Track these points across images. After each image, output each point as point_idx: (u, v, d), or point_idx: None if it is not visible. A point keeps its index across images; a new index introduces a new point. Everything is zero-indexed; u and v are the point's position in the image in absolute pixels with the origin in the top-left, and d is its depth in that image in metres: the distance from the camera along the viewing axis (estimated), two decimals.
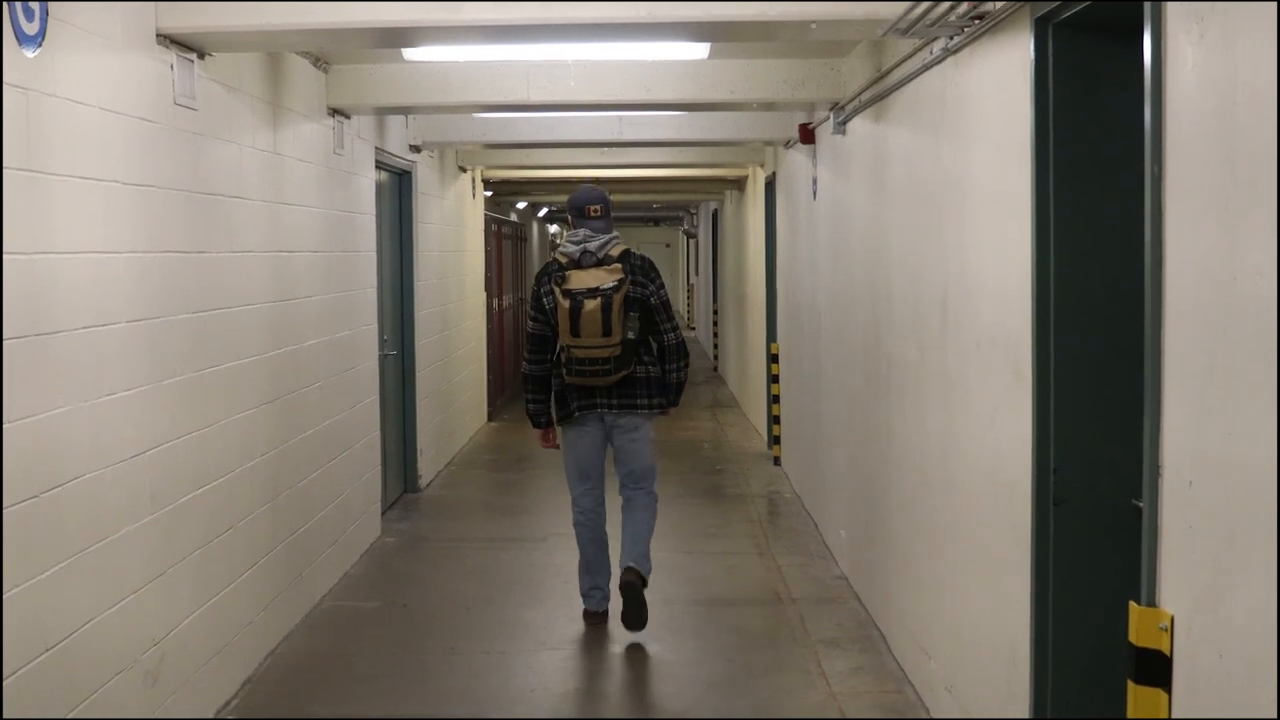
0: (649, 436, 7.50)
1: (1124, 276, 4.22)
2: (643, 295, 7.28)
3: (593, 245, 7.27)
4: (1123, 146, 4.16)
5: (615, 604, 7.48)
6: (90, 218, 4.90)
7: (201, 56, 5.98)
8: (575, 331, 7.14)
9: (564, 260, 7.30)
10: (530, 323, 7.48)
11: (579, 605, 7.78)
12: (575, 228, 7.39)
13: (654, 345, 7.41)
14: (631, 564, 7.35)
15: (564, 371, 7.30)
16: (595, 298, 7.12)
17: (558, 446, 7.76)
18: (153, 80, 5.50)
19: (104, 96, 5.01)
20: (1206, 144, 3.03)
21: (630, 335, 7.19)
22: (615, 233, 7.42)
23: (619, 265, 7.23)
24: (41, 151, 4.51)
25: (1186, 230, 3.13)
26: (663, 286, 7.42)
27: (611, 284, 7.15)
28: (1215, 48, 2.99)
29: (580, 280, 7.18)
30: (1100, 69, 4.36)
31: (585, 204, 7.35)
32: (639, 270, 7.31)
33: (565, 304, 7.12)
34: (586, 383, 7.26)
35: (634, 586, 7.23)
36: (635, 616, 7.22)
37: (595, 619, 7.55)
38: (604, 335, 7.13)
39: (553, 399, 7.53)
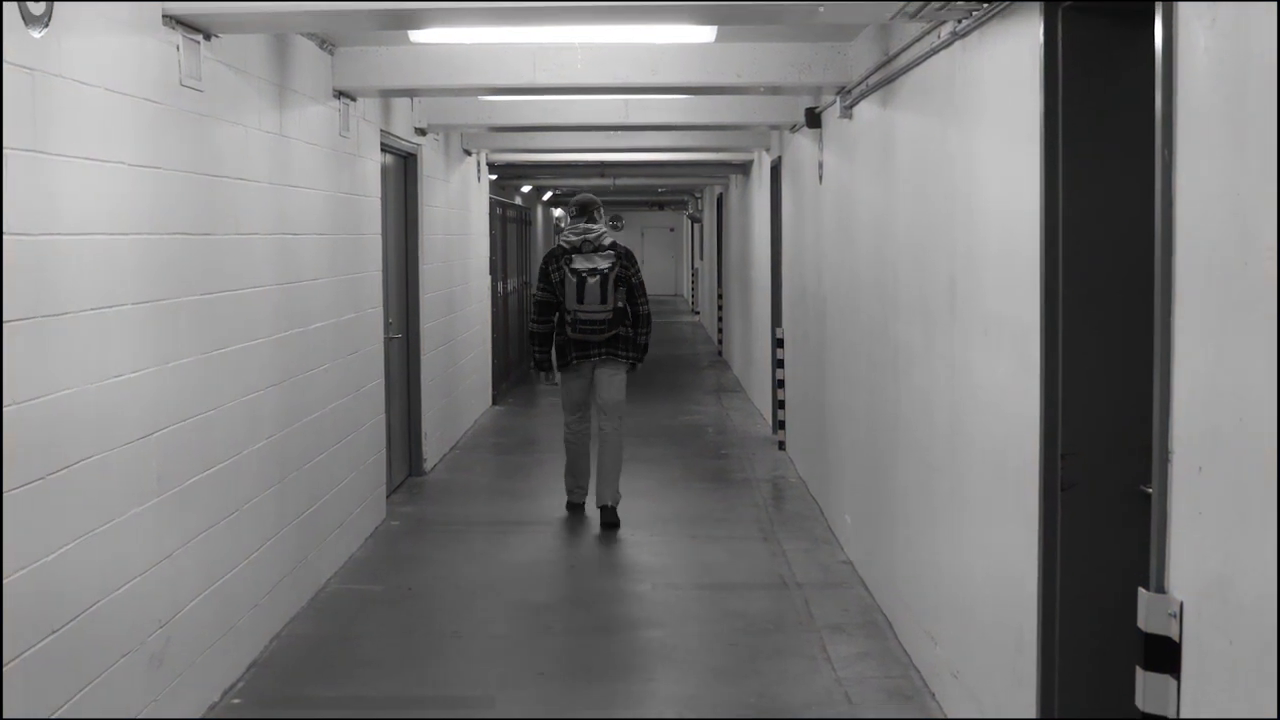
0: (623, 380, 9.83)
1: (1133, 260, 4.21)
2: (626, 276, 9.64)
3: (591, 236, 9.62)
4: (1133, 131, 4.15)
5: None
6: (96, 199, 4.89)
7: (208, 38, 5.96)
8: (580, 299, 9.50)
9: (568, 246, 9.60)
10: (539, 293, 9.80)
11: (585, 590, 7.97)
12: (575, 221, 9.72)
13: (631, 313, 9.69)
14: (607, 503, 9.70)
15: (568, 330, 9.60)
16: (596, 275, 9.51)
17: (556, 384, 10.18)
18: (159, 61, 5.48)
19: (110, 77, 5.00)
20: (1218, 129, 3.01)
21: (620, 304, 9.61)
22: (605, 228, 9.74)
23: (611, 251, 9.59)
24: (47, 132, 4.49)
25: (1197, 214, 3.11)
26: (639, 271, 9.80)
27: (606, 265, 9.54)
28: (1227, 32, 2.97)
29: (583, 262, 9.53)
30: (1110, 52, 4.34)
31: (587, 205, 9.81)
32: (624, 257, 9.68)
33: (573, 279, 9.50)
34: (585, 338, 9.59)
35: (609, 515, 9.67)
36: (611, 527, 9.59)
37: (575, 509, 9.97)
38: (601, 303, 9.51)
39: (554, 350, 9.81)
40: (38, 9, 4.39)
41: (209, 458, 6.01)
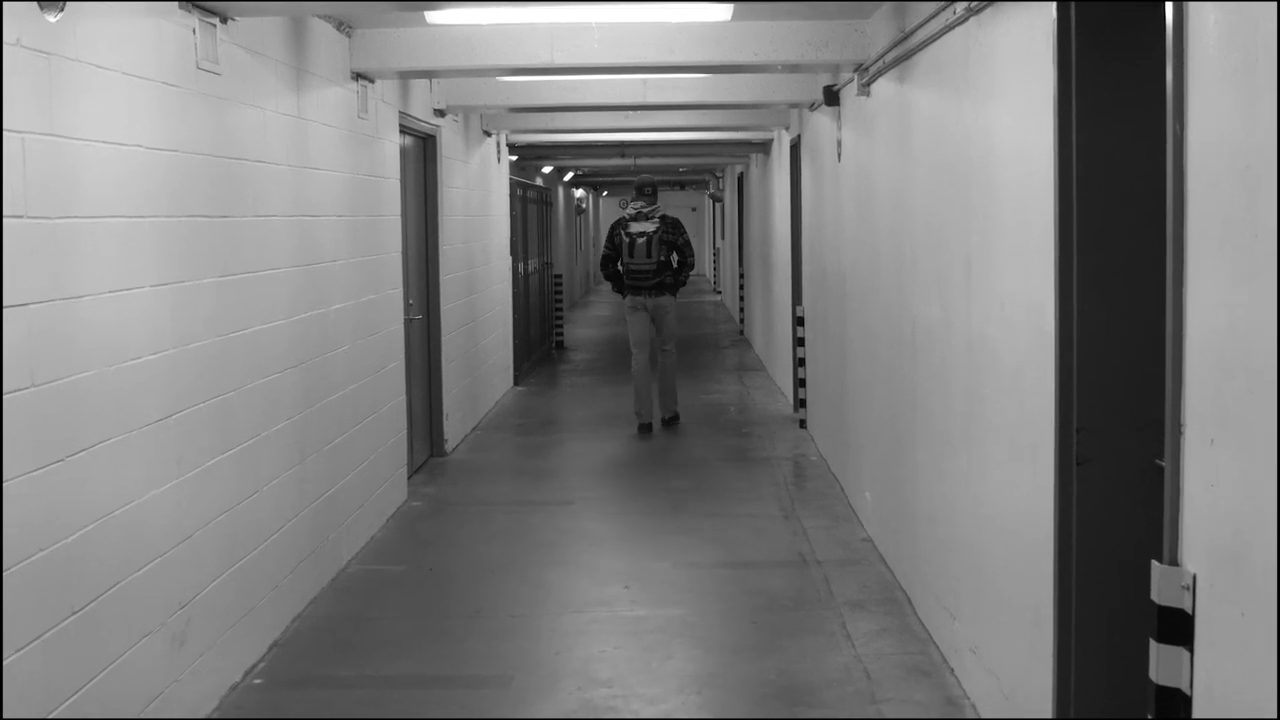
0: (673, 314, 13.35)
1: (1147, 234, 4.21)
2: (671, 240, 13.08)
3: (646, 210, 13.12)
4: (1145, 105, 4.14)
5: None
6: (114, 182, 4.91)
7: (224, 20, 5.98)
8: (631, 254, 13.02)
9: (628, 216, 13.16)
10: (605, 249, 13.33)
11: (604, 569, 8.04)
12: (637, 199, 13.18)
13: (679, 261, 13.20)
14: (668, 414, 13.30)
15: (625, 279, 13.13)
16: (644, 237, 12.99)
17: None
18: (175, 44, 5.50)
19: (126, 61, 5.02)
20: (1229, 102, 3.01)
21: (661, 259, 13.01)
22: (658, 204, 13.22)
23: (658, 221, 13.06)
24: (65, 116, 4.52)
25: (1208, 187, 3.11)
26: (685, 233, 13.30)
27: (652, 229, 13.01)
28: (1237, 6, 2.97)
29: (637, 227, 13.06)
30: (1123, 27, 4.33)
31: (645, 185, 13.28)
32: (669, 225, 13.14)
33: (627, 240, 13.05)
34: (635, 283, 13.10)
35: (672, 421, 13.27)
36: (674, 427, 13.11)
37: (644, 429, 12.87)
38: (647, 257, 13.00)
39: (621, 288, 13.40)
40: None
41: (229, 439, 6.04)
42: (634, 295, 13.19)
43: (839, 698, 5.90)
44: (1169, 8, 3.25)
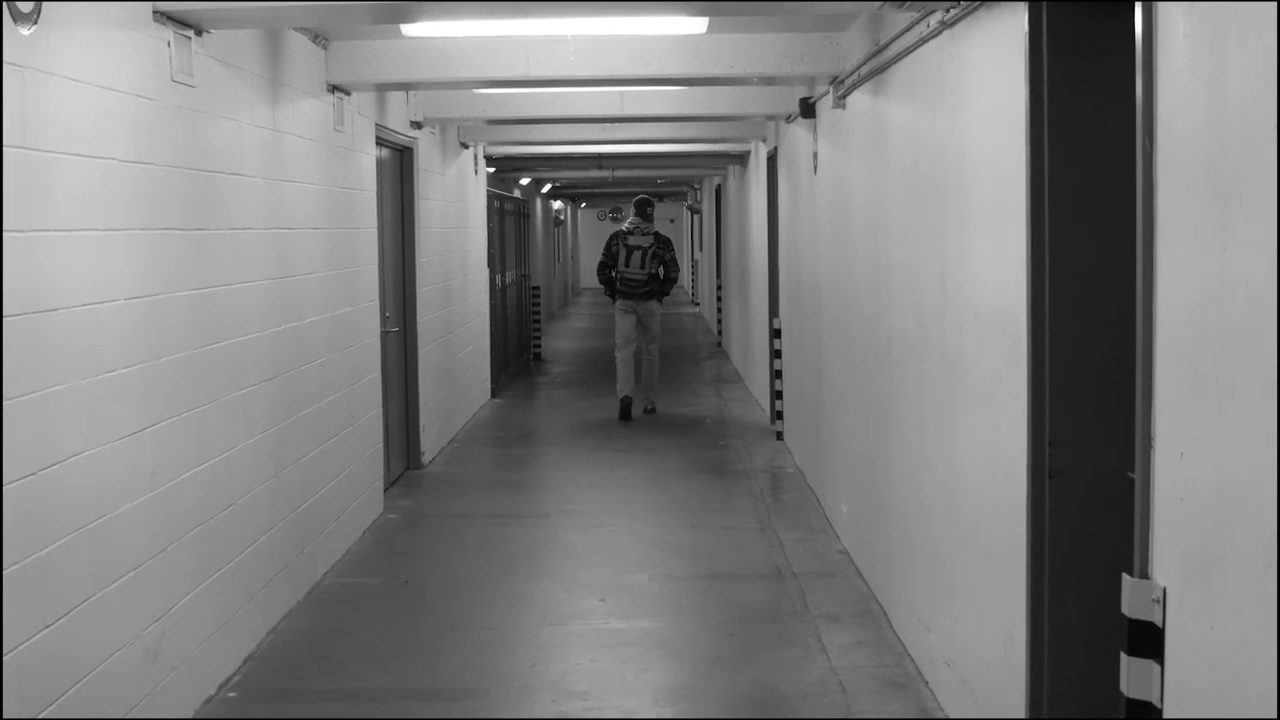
0: (659, 318, 14.97)
1: (1118, 248, 4.21)
2: (661, 254, 14.74)
3: (642, 226, 14.73)
4: (1116, 119, 4.16)
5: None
6: (87, 196, 4.90)
7: (199, 33, 5.97)
8: (627, 264, 14.65)
9: (626, 230, 14.78)
10: (603, 257, 14.94)
11: (581, 582, 8.03)
12: (636, 215, 14.80)
13: (664, 276, 14.87)
14: (647, 404, 14.86)
15: (618, 284, 14.76)
16: (639, 250, 14.66)
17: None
18: (150, 57, 5.49)
19: (100, 74, 5.01)
20: (1198, 115, 3.02)
21: (653, 271, 14.70)
22: (652, 222, 14.93)
23: (653, 237, 14.72)
24: (37, 129, 4.50)
25: (1178, 201, 3.12)
26: (673, 249, 14.94)
27: (647, 244, 14.67)
28: (1206, 17, 2.98)
29: (634, 241, 14.68)
30: (1094, 41, 4.35)
31: (643, 205, 14.94)
32: (661, 241, 14.80)
33: (625, 251, 14.68)
34: (629, 290, 14.72)
35: (650, 410, 14.78)
36: (650, 413, 14.64)
37: (625, 401, 14.44)
38: (641, 268, 14.66)
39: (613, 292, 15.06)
40: (26, 7, 4.40)
41: (203, 452, 6.03)
42: (625, 300, 14.81)
43: (814, 710, 5.90)
44: (1139, 19, 3.26)
